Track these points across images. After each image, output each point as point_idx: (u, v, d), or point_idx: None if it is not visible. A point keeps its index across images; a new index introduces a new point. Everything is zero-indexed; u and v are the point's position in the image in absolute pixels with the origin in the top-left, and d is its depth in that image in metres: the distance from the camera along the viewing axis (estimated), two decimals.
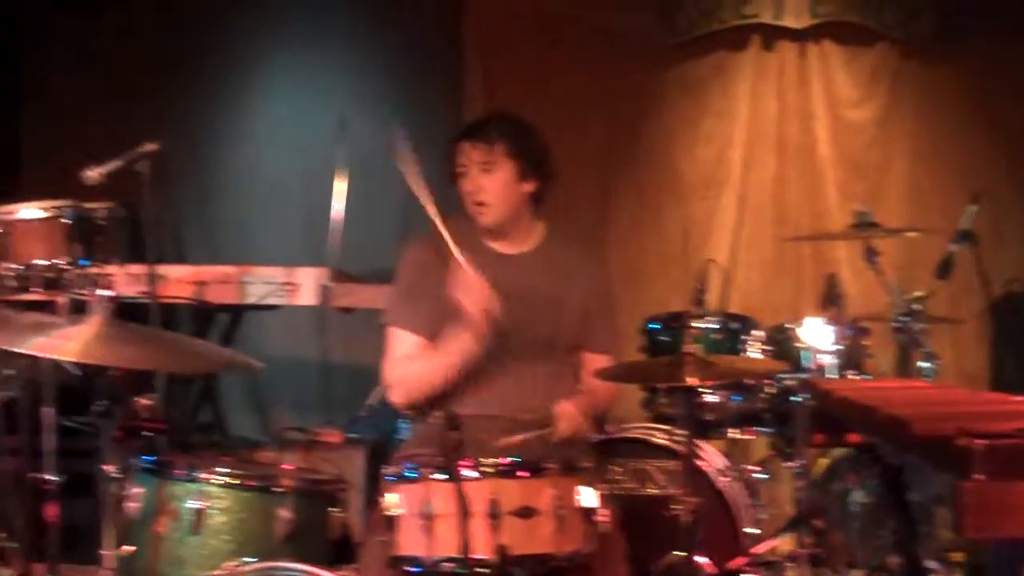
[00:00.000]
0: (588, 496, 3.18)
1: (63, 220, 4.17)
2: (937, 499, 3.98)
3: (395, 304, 3.96)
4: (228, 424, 6.09)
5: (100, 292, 3.10)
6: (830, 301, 4.73)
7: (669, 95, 6.69)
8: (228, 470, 3.39)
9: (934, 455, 2.26)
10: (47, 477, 4.03)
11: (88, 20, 7.25)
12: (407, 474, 3.18)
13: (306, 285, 5.21)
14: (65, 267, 4.18)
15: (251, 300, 5.27)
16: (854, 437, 3.68)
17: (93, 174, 4.15)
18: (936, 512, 4.07)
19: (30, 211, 4.21)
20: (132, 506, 3.37)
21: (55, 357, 3.11)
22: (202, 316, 5.55)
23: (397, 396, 3.93)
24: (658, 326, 4.82)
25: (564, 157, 4.21)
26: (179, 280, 5.28)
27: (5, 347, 3.24)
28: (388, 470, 3.24)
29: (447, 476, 3.09)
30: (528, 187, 3.92)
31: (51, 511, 4.01)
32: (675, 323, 4.74)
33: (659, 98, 6.69)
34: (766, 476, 4.73)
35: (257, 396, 6.79)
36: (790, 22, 6.53)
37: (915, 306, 4.68)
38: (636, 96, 6.69)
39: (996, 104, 6.47)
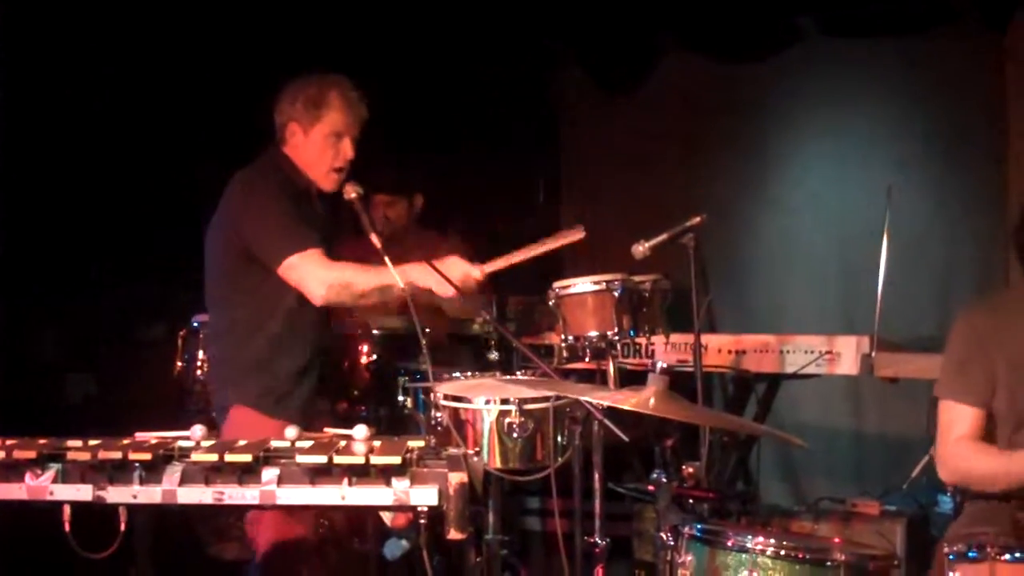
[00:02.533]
0: None
1: (613, 293, 4.31)
2: None
3: (947, 375, 3.83)
4: (759, 492, 6.07)
5: (658, 363, 3.17)
6: None
7: None
8: (779, 541, 3.36)
9: None
10: (596, 540, 4.17)
11: (621, 97, 7.54)
12: (970, 553, 3.04)
13: (846, 354, 5.12)
14: (614, 338, 4.32)
15: (790, 369, 5.25)
16: None
17: (642, 248, 4.29)
18: None
19: (583, 285, 4.39)
20: (682, 573, 3.41)
21: (620, 406, 3.20)
22: (740, 385, 5.58)
23: (946, 475, 3.80)
24: None
25: None
26: (718, 349, 5.36)
27: (573, 397, 3.40)
28: (950, 548, 3.11)
29: (1015, 557, 2.93)
30: None
31: (598, 573, 4.14)
32: None
33: None
34: None
35: (790, 465, 6.74)
36: None
37: None
38: None
39: None
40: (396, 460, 2.87)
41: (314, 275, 4.14)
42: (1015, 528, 2.98)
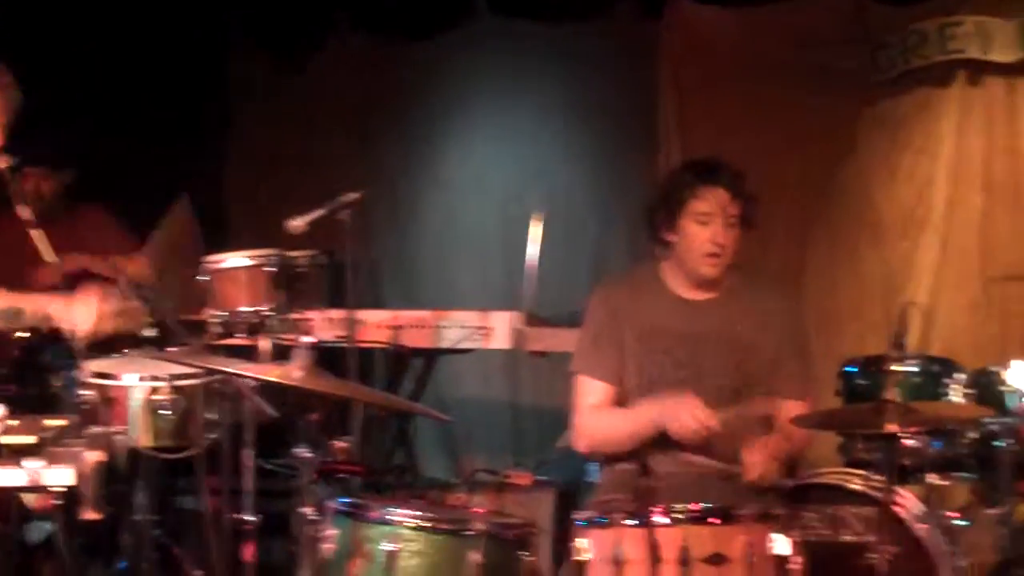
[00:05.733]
0: (781, 543, 3.15)
1: (267, 268, 4.29)
2: None
3: (583, 351, 3.99)
4: (421, 466, 6.17)
5: (302, 338, 3.19)
6: None
7: (868, 134, 6.51)
8: (420, 513, 3.42)
9: None
10: (245, 517, 4.14)
11: (290, 71, 7.49)
12: (598, 519, 3.18)
13: (500, 329, 5.25)
14: (268, 313, 4.31)
15: (445, 344, 5.34)
16: None
17: (297, 223, 4.28)
18: None
19: (236, 260, 4.35)
20: (327, 547, 3.42)
21: (263, 378, 3.21)
22: (397, 360, 5.64)
23: (582, 445, 3.97)
24: (855, 370, 4.72)
25: (760, 199, 4.15)
26: (376, 325, 5.39)
27: (218, 369, 3.38)
28: (579, 515, 3.25)
29: (638, 522, 3.09)
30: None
31: (248, 551, 4.11)
32: (873, 367, 4.59)
33: (858, 137, 6.52)
34: (967, 523, 4.54)
35: (450, 439, 6.87)
36: (999, 56, 6.32)
37: None
38: (834, 135, 6.53)
39: None
40: (31, 440, 2.80)
41: None
42: (639, 493, 3.14)
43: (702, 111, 6.62)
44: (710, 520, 3.13)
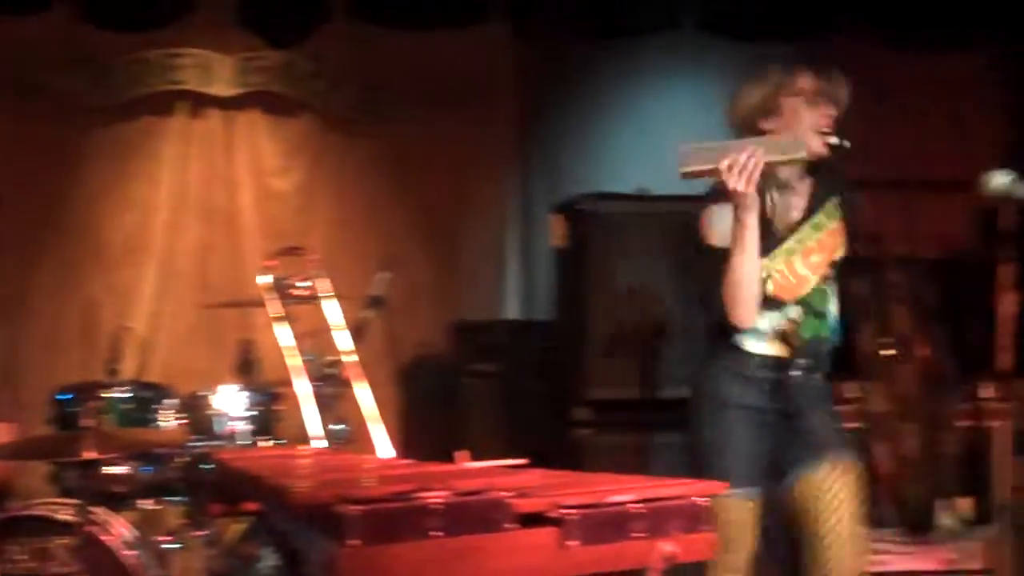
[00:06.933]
0: None
1: None
2: (324, 565, 4.09)
3: None
4: None
5: None
6: (244, 368, 4.82)
7: (94, 159, 6.52)
8: None
9: (314, 521, 2.32)
10: None
11: None
12: None
13: None
14: None
15: None
16: (250, 505, 3.73)
17: None
18: None
19: None
20: None
21: None
22: None
23: None
24: (68, 397, 4.68)
25: None
26: None
27: None
28: None
29: None
30: None
31: None
32: (85, 394, 4.61)
33: (84, 162, 6.50)
34: (179, 545, 4.66)
35: None
36: (217, 90, 6.57)
37: (328, 371, 4.78)
38: (61, 159, 6.45)
39: (411, 176, 6.76)
40: None
41: None
42: None
43: None
44: None
